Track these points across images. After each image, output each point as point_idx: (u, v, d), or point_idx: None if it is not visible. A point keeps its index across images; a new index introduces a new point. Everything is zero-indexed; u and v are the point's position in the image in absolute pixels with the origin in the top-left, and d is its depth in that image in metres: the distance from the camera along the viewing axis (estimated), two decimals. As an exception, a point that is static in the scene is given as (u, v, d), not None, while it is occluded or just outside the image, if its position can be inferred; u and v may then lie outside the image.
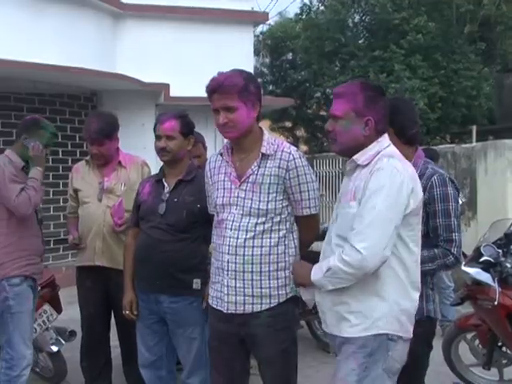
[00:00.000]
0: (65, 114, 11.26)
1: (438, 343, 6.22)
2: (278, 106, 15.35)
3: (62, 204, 9.65)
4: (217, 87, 3.35)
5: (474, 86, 15.82)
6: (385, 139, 3.11)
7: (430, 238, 3.54)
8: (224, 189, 3.50)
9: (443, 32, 15.88)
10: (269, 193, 3.36)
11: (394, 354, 3.01)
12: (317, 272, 3.08)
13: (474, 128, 11.90)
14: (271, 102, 14.66)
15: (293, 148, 3.45)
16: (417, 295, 3.08)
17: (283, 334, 3.41)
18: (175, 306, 3.99)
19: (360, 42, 17.26)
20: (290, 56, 19.95)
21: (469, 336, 5.81)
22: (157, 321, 4.15)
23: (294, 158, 3.36)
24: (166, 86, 11.92)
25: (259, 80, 19.27)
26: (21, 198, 4.30)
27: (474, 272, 5.15)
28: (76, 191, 5.08)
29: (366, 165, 3.04)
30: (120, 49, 11.82)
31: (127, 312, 4.21)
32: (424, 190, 3.31)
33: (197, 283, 3.91)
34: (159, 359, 4.24)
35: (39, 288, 4.86)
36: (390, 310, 2.98)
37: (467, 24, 16.39)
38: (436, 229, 3.55)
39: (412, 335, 3.08)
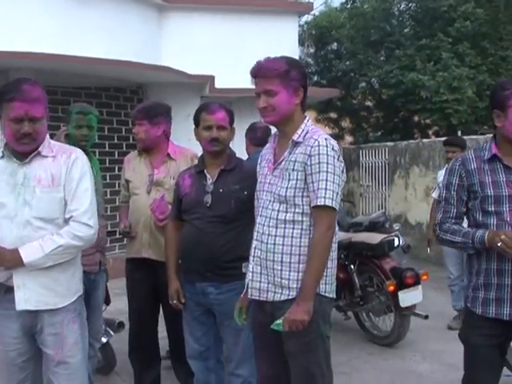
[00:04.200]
0: (111, 107, 11.39)
1: None
2: (324, 96, 15.27)
3: (109, 196, 9.75)
4: (258, 71, 3.41)
5: (523, 73, 15.52)
6: None
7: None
8: (262, 175, 3.56)
9: (491, 18, 15.54)
10: (289, 179, 3.35)
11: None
12: (33, 253, 3.27)
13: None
14: (316, 92, 14.59)
15: (323, 137, 3.35)
16: None
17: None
18: (222, 297, 4.00)
19: (406, 30, 17.02)
20: (334, 46, 19.78)
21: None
22: (204, 312, 4.18)
23: (319, 145, 3.29)
24: (211, 78, 11.94)
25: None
26: None
27: None
28: (127, 182, 5.09)
29: (53, 156, 3.42)
30: (165, 41, 11.89)
31: (175, 301, 4.23)
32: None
33: (245, 267, 3.79)
34: (207, 350, 4.26)
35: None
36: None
37: (516, 10, 16.05)
38: None
39: None
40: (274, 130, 3.67)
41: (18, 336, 3.44)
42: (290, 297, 3.35)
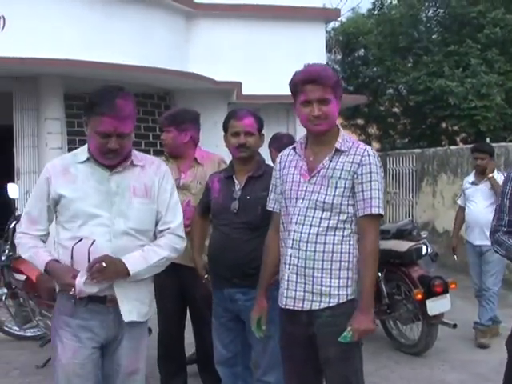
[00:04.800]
0: (138, 113, 11.32)
1: None
2: (351, 103, 15.22)
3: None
4: (315, 77, 3.33)
5: (553, 80, 15.34)
6: None
7: None
8: (292, 182, 3.49)
9: (521, 25, 15.44)
10: (336, 187, 3.32)
11: None
12: (137, 264, 3.21)
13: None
14: (343, 99, 14.42)
15: (369, 147, 3.40)
16: None
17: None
18: (250, 303, 3.96)
19: (434, 36, 16.92)
20: (361, 52, 19.75)
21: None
22: (232, 318, 4.18)
23: (369, 155, 3.32)
24: (238, 85, 11.96)
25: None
26: None
27: None
28: None
29: (142, 166, 3.35)
30: (192, 48, 11.93)
31: (206, 276, 4.35)
32: None
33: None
34: (234, 356, 4.26)
35: None
36: None
37: (546, 16, 15.88)
38: None
39: None
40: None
41: (96, 347, 3.29)
42: (330, 304, 3.32)
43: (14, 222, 6.43)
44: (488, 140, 12.43)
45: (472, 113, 14.35)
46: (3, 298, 6.64)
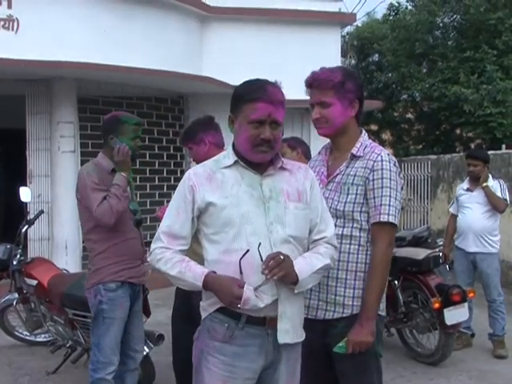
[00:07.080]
0: (152, 117, 11.38)
1: None
2: (365, 108, 15.08)
3: (148, 207, 9.73)
4: (313, 81, 3.33)
5: None
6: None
7: None
8: None
9: (540, 32, 15.31)
10: (348, 194, 3.25)
11: None
12: (304, 269, 2.85)
13: None
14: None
15: (385, 152, 3.29)
16: None
17: None
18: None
19: (449, 42, 16.82)
20: (376, 58, 19.69)
21: None
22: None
23: (382, 160, 3.21)
24: (253, 89, 11.87)
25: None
26: (102, 207, 4.20)
27: None
28: None
29: (290, 170, 3.04)
30: (206, 51, 11.89)
31: None
32: None
33: None
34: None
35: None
36: None
37: None
38: None
39: None
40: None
41: (253, 377, 2.92)
42: (344, 315, 3.24)
43: (26, 227, 6.36)
44: (504, 146, 12.30)
45: (487, 119, 14.23)
46: (14, 302, 6.59)
